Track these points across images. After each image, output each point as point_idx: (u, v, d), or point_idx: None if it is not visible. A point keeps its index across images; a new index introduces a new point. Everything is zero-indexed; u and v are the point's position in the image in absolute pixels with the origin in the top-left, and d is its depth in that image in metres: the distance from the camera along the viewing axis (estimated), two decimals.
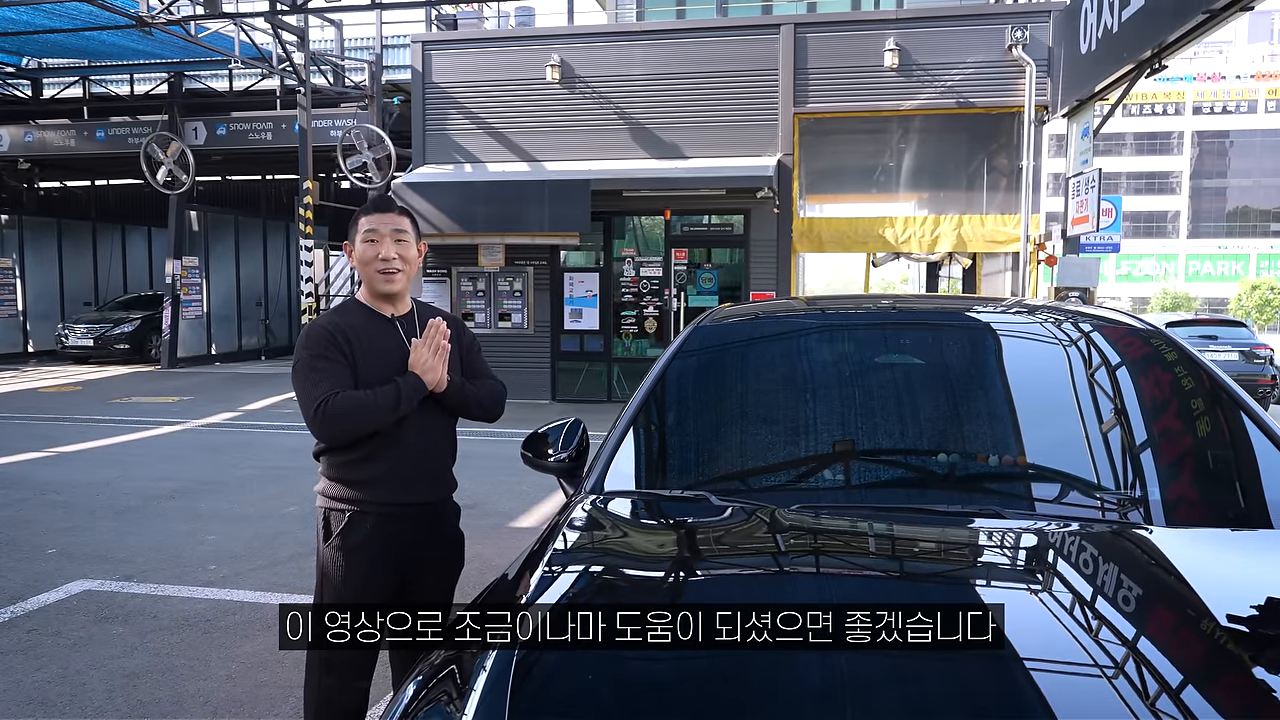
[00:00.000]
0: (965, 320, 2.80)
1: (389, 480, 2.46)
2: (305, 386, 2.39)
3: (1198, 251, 64.32)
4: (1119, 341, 2.64)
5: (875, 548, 1.92)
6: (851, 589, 1.66)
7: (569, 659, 1.42)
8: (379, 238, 2.46)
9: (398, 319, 2.54)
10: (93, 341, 18.32)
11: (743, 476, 2.33)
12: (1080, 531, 1.93)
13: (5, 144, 18.25)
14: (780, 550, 1.85)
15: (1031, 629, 1.44)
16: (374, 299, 2.53)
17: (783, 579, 1.73)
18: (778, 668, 1.36)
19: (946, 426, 2.38)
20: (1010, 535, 1.90)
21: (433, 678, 1.50)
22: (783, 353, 2.70)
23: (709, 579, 1.74)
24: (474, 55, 13.04)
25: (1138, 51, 8.13)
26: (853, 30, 12.04)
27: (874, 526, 1.98)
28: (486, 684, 1.36)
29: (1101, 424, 2.32)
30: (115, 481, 7.61)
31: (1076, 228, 10.20)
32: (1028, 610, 1.53)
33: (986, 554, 1.88)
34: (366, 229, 2.47)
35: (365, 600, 2.43)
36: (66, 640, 4.17)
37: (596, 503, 2.12)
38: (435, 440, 2.55)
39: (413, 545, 2.52)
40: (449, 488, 2.66)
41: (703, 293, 12.67)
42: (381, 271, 2.46)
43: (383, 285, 2.48)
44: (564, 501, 2.37)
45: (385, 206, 2.51)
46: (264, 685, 3.70)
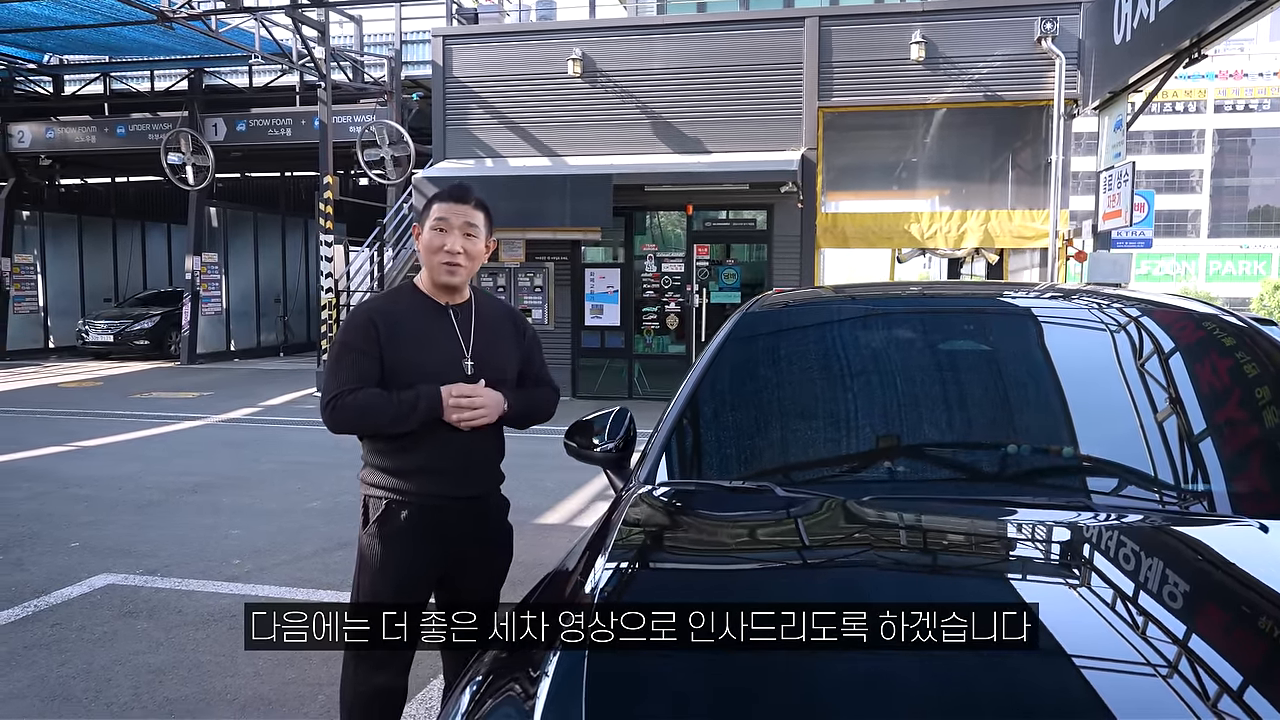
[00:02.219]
0: (1033, 306, 2.67)
1: (425, 473, 2.36)
2: (328, 373, 2.38)
3: (1219, 251, 63.48)
4: (1189, 327, 2.50)
5: (956, 543, 1.80)
6: (939, 587, 1.56)
7: (647, 660, 1.32)
8: (448, 228, 2.35)
9: (452, 307, 2.44)
10: (113, 337, 18.36)
11: (802, 467, 2.21)
12: (1178, 526, 1.80)
13: (27, 140, 18.32)
14: (859, 545, 1.74)
15: (1115, 629, 1.38)
16: (433, 287, 2.44)
17: (864, 575, 1.61)
18: (863, 668, 1.29)
19: (1018, 415, 2.26)
20: (1091, 530, 1.78)
21: (495, 678, 1.41)
22: (839, 339, 2.58)
23: (785, 575, 1.63)
24: (494, 49, 12.95)
25: (1176, 41, 7.93)
26: (878, 23, 11.86)
27: (952, 520, 1.86)
28: (558, 685, 1.27)
29: (1185, 412, 2.19)
30: (137, 476, 7.56)
31: (1108, 222, 10.00)
32: (1123, 611, 1.45)
33: (1070, 550, 1.75)
34: (437, 216, 2.36)
35: (401, 590, 2.35)
36: (91, 635, 4.09)
37: (655, 494, 2.00)
38: (478, 435, 2.39)
39: (453, 539, 2.40)
40: (492, 483, 2.53)
41: (725, 289, 12.53)
42: (445, 264, 2.36)
43: (444, 277, 2.38)
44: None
45: (461, 197, 2.39)
46: (291, 683, 3.61)
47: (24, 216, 19.46)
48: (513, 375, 2.49)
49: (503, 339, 2.49)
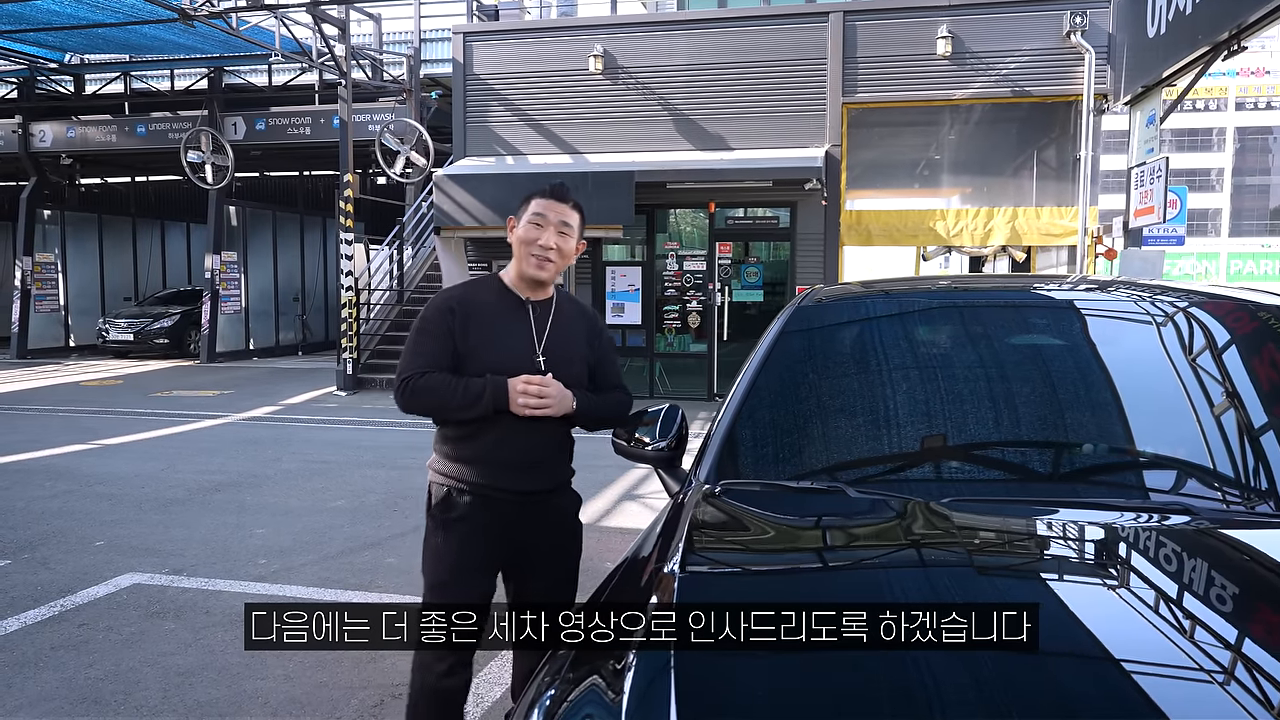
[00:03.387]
0: (1103, 300, 2.54)
1: (486, 463, 2.38)
2: (405, 354, 2.44)
3: (1239, 250, 62.75)
4: (1253, 319, 2.38)
5: (1046, 548, 1.69)
6: (1032, 591, 1.46)
7: (735, 662, 1.29)
8: (544, 223, 2.41)
9: (532, 303, 2.47)
10: (133, 336, 18.41)
11: (869, 466, 2.10)
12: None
13: (48, 140, 18.40)
14: (950, 549, 1.63)
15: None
16: (517, 280, 2.48)
17: (951, 578, 1.51)
18: (958, 673, 1.23)
19: (1094, 413, 2.14)
20: (1176, 534, 1.68)
21: (576, 675, 1.38)
22: (901, 333, 2.47)
23: (875, 578, 1.52)
24: (515, 46, 12.88)
25: (1214, 33, 7.75)
26: (904, 18, 11.71)
27: (1040, 523, 1.75)
28: (645, 683, 1.24)
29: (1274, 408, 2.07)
30: (160, 474, 7.52)
31: (1140, 219, 9.81)
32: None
33: (1171, 554, 1.65)
34: (535, 211, 2.42)
35: (458, 575, 2.39)
36: (118, 636, 4.02)
37: (721, 495, 1.90)
38: (542, 429, 2.39)
39: (516, 532, 2.41)
40: (556, 480, 2.52)
41: (747, 287, 12.41)
42: (536, 256, 2.41)
43: (533, 270, 2.42)
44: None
45: (561, 196, 2.46)
46: (323, 685, 3.53)
47: (45, 216, 19.55)
48: (583, 376, 2.50)
49: (577, 339, 2.51)
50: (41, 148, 18.44)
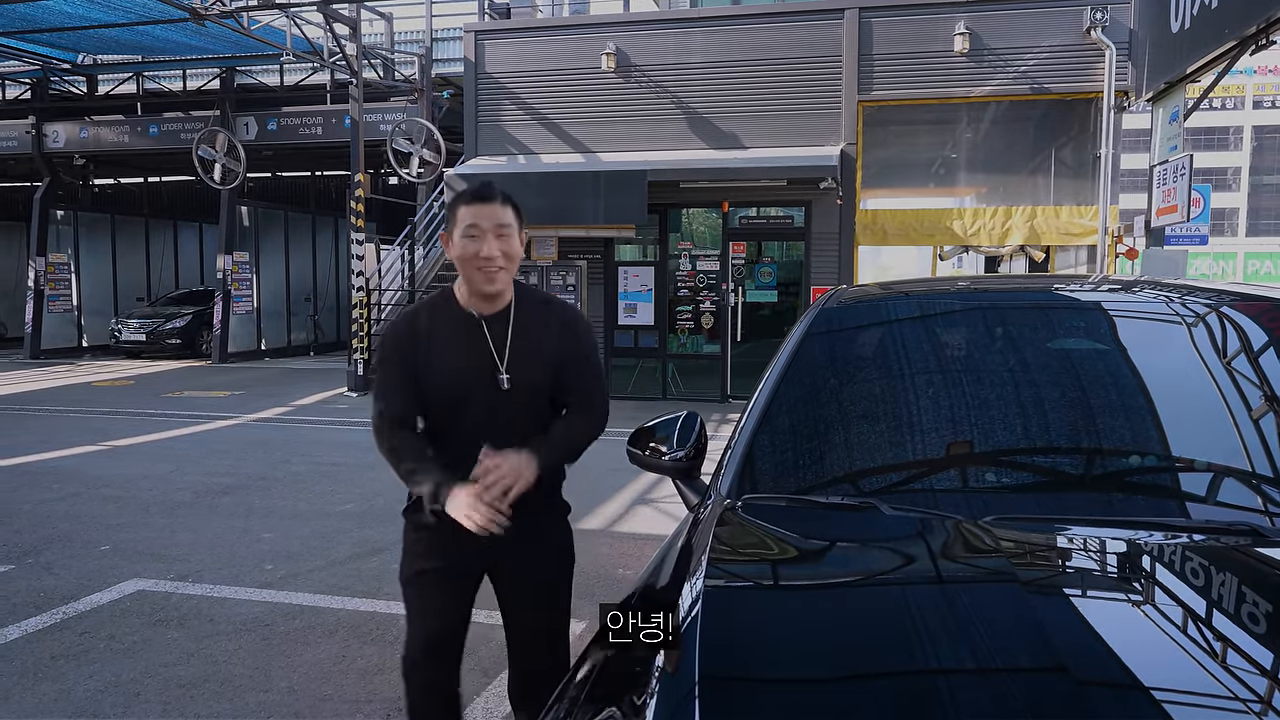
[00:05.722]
0: (1144, 301, 2.40)
1: (455, 471, 2.19)
2: (374, 384, 2.41)
3: (1257, 250, 62.03)
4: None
5: (1105, 571, 1.55)
6: (1094, 616, 1.33)
7: (765, 689, 1.21)
8: (480, 233, 2.20)
9: (487, 318, 2.28)
10: (145, 336, 18.42)
11: (901, 480, 1.97)
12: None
13: (61, 140, 18.42)
14: (997, 575, 1.50)
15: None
16: (470, 297, 2.29)
17: (995, 604, 1.37)
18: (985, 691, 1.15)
19: (1146, 423, 2.00)
20: (1242, 555, 1.54)
21: (592, 711, 1.29)
22: (933, 337, 2.33)
23: (917, 607, 1.39)
24: (527, 44, 12.77)
25: (1242, 26, 7.56)
26: (921, 14, 11.53)
27: (1091, 546, 1.61)
28: (668, 714, 1.15)
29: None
30: (169, 476, 7.44)
31: (1162, 218, 9.61)
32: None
33: (1251, 579, 1.51)
34: (467, 223, 2.21)
35: (422, 576, 2.33)
36: (120, 645, 3.93)
37: (745, 511, 1.77)
38: (514, 440, 2.19)
39: (485, 541, 2.13)
40: (534, 501, 2.23)
41: (761, 287, 12.28)
42: (482, 270, 2.21)
43: (484, 285, 2.24)
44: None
45: (487, 196, 2.23)
46: (328, 699, 3.42)
47: (58, 216, 19.59)
48: (549, 384, 2.31)
49: (543, 343, 2.30)
50: (55, 148, 18.47)
